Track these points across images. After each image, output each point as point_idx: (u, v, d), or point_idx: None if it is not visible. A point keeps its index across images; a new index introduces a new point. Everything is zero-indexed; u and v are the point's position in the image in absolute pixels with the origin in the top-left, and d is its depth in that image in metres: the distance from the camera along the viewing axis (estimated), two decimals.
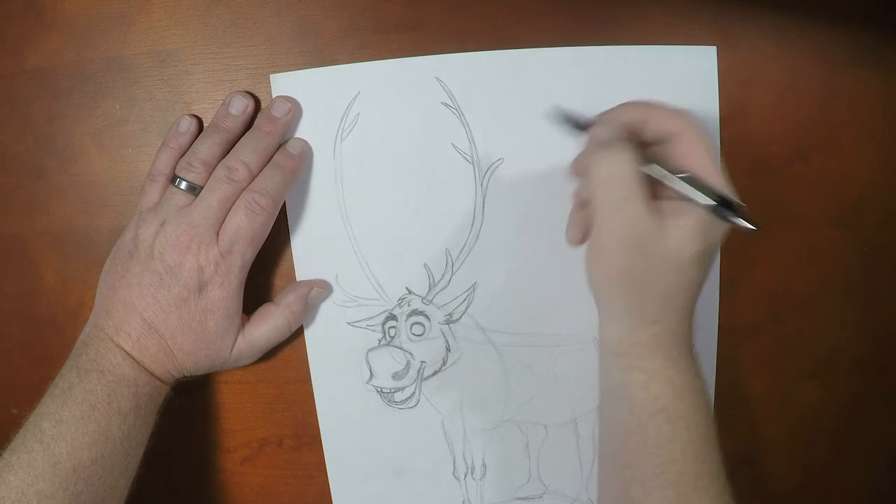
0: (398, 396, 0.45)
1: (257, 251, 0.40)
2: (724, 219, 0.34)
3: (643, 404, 0.35)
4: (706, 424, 0.35)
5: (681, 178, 0.35)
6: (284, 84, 0.42)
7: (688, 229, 0.34)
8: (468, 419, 0.45)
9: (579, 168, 0.41)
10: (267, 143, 0.40)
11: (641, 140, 0.37)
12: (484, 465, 0.46)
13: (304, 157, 0.42)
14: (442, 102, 0.42)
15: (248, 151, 0.40)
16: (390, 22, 0.42)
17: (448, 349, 0.44)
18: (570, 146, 0.42)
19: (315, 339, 0.45)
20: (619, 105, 0.38)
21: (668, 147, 0.36)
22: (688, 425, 0.35)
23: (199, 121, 0.42)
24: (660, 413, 0.35)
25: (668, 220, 0.34)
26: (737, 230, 0.34)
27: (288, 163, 0.41)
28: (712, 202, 0.33)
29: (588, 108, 0.42)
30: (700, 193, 0.34)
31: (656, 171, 0.35)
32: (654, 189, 0.36)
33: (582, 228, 0.41)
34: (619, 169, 0.34)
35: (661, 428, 0.35)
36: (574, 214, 0.42)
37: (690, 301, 0.36)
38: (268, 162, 0.41)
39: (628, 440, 0.36)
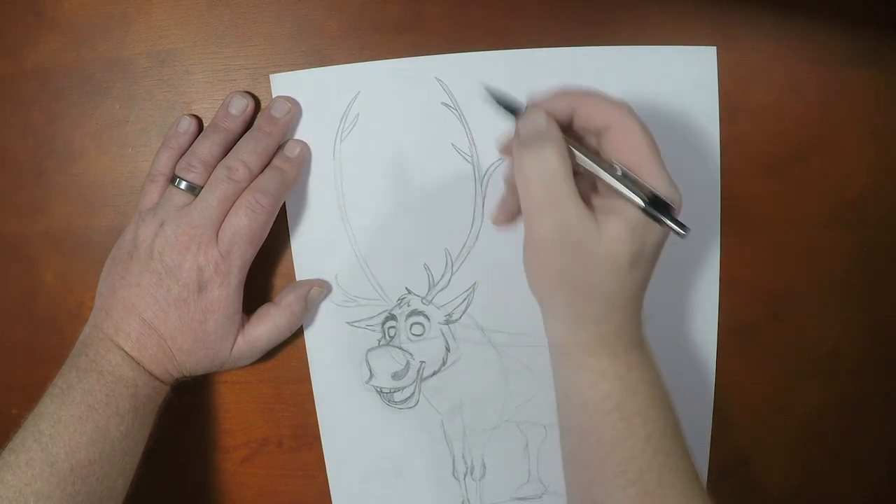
0: (398, 396, 0.45)
1: (257, 251, 0.40)
2: (655, 219, 0.32)
3: (595, 403, 0.34)
4: (665, 419, 0.34)
5: (612, 175, 0.32)
6: (284, 84, 0.42)
7: (620, 229, 0.32)
8: (468, 419, 0.45)
9: (508, 152, 0.39)
10: (267, 143, 0.40)
11: (573, 132, 0.35)
12: (483, 465, 0.46)
13: (304, 158, 0.42)
14: (442, 102, 0.42)
15: (248, 151, 0.40)
16: (390, 22, 0.42)
17: (448, 349, 0.44)
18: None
19: (315, 339, 0.45)
20: (551, 92, 0.35)
21: (602, 140, 0.34)
22: (644, 421, 0.34)
23: (199, 121, 0.42)
24: (613, 411, 0.34)
25: (601, 218, 0.32)
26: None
27: (288, 164, 0.41)
28: (642, 202, 0.31)
29: None
30: (631, 192, 0.32)
31: (589, 165, 0.33)
32: (591, 183, 0.34)
33: (507, 211, 0.40)
34: (546, 167, 0.32)
35: (616, 426, 0.34)
36: (505, 195, 0.41)
37: (634, 299, 0.35)
38: (268, 162, 0.41)
39: (584, 441, 0.35)
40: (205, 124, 0.42)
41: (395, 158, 0.43)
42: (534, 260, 0.35)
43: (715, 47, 0.42)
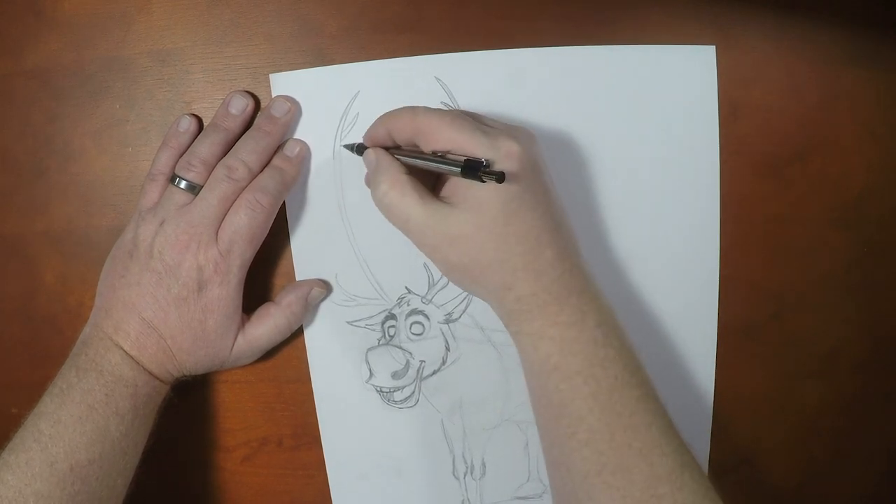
0: (398, 396, 0.45)
1: (256, 250, 0.40)
2: (476, 178, 0.33)
3: (537, 366, 0.35)
4: (611, 377, 0.34)
5: (427, 160, 0.36)
6: (284, 84, 0.42)
7: (474, 201, 0.34)
8: (468, 418, 0.45)
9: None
10: (267, 143, 0.40)
11: (400, 145, 0.39)
12: (483, 465, 0.46)
13: (304, 157, 0.42)
14: (441, 102, 0.42)
15: (248, 151, 0.40)
16: (390, 22, 0.42)
17: (447, 348, 0.44)
18: (569, 146, 0.42)
19: (315, 338, 0.45)
20: (373, 124, 0.39)
21: (420, 142, 0.37)
22: (586, 380, 0.34)
23: (199, 120, 0.42)
24: (553, 371, 0.34)
25: (458, 200, 0.35)
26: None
27: (287, 164, 0.41)
28: (458, 169, 0.33)
29: (587, 107, 0.42)
30: (446, 166, 0.34)
31: (413, 162, 0.37)
32: (438, 178, 0.38)
33: None
34: (386, 195, 0.36)
35: (560, 387, 0.34)
36: None
37: (537, 257, 0.35)
38: (268, 161, 0.41)
39: (538, 403, 0.36)
40: (205, 124, 0.42)
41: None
42: (433, 261, 0.38)
43: (714, 47, 0.42)
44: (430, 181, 0.39)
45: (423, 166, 0.36)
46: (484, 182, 0.32)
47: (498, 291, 0.36)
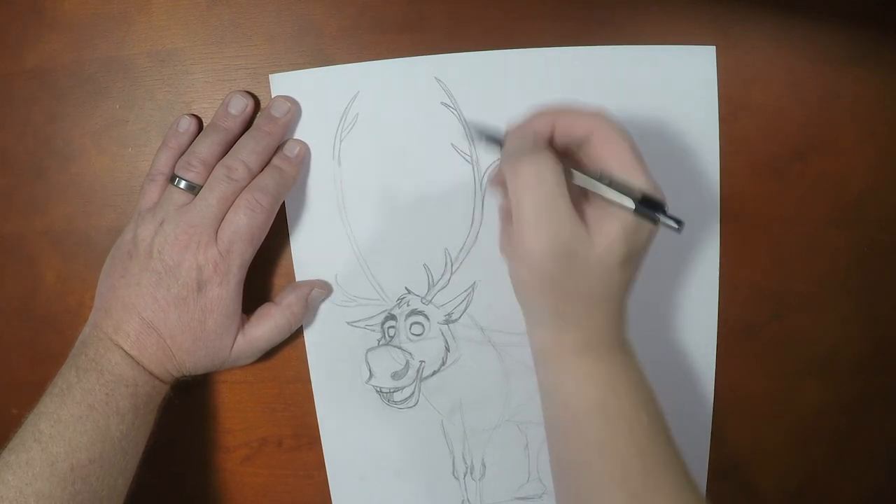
0: (397, 396, 0.45)
1: (256, 250, 0.40)
2: (648, 218, 0.33)
3: (578, 405, 0.34)
4: (650, 420, 0.34)
5: (600, 181, 0.33)
6: (284, 84, 0.42)
7: (612, 234, 0.33)
8: (468, 419, 0.45)
9: (501, 180, 0.39)
10: (266, 143, 0.40)
11: (557, 146, 0.36)
12: (483, 465, 0.46)
13: (304, 157, 0.42)
14: (441, 102, 0.42)
15: (248, 151, 0.40)
16: (390, 22, 0.42)
17: (447, 349, 0.44)
18: None
19: (315, 338, 0.45)
20: (529, 114, 0.36)
21: (584, 150, 0.35)
22: (629, 422, 0.34)
23: (199, 120, 0.42)
24: (596, 412, 0.34)
25: (592, 224, 0.33)
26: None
27: (287, 164, 0.41)
28: (632, 204, 0.32)
29: None
30: (621, 195, 0.33)
31: (577, 178, 0.34)
32: (580, 191, 0.35)
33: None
34: (538, 175, 0.33)
35: (600, 427, 0.34)
36: (504, 227, 0.40)
37: (618, 302, 0.35)
38: (267, 162, 0.41)
39: (570, 442, 0.35)
40: (205, 124, 0.42)
41: (394, 158, 0.43)
42: (524, 266, 0.34)
43: (714, 47, 0.42)
44: None
45: (580, 182, 0.34)
46: (655, 224, 0.32)
47: (566, 321, 0.35)
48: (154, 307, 0.38)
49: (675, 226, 0.33)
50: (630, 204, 0.32)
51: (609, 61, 0.42)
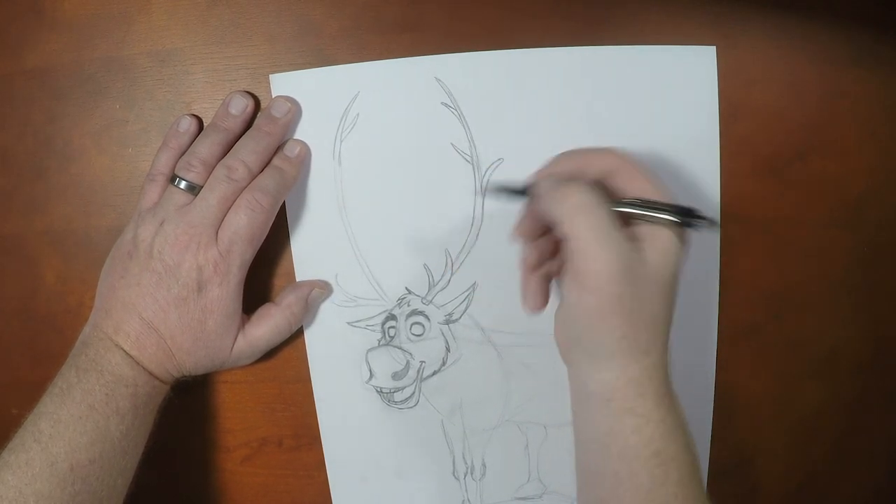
0: (398, 396, 0.45)
1: (256, 250, 0.40)
2: (692, 226, 0.34)
3: (636, 449, 0.33)
4: (692, 462, 0.34)
5: (637, 206, 0.35)
6: (284, 84, 0.42)
7: (662, 251, 0.34)
8: (468, 419, 0.45)
9: (525, 230, 0.39)
10: (267, 143, 0.40)
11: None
12: (483, 465, 0.46)
13: (304, 158, 0.42)
14: (442, 103, 0.42)
15: (248, 151, 0.40)
16: (390, 22, 0.42)
17: (448, 349, 0.44)
18: (569, 146, 0.42)
19: (315, 339, 0.45)
20: (551, 160, 0.38)
21: (609, 184, 0.36)
22: (679, 466, 0.33)
23: (199, 120, 0.42)
24: (652, 457, 0.33)
25: (643, 245, 0.34)
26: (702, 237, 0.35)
27: (287, 164, 0.41)
28: (677, 217, 0.34)
29: (588, 109, 0.42)
30: (663, 212, 0.34)
31: (616, 205, 0.35)
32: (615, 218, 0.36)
33: (540, 292, 0.40)
34: (588, 200, 0.33)
35: (654, 472, 0.33)
36: (527, 279, 0.40)
37: (669, 325, 0.35)
38: (268, 162, 0.41)
39: (618, 487, 0.34)
40: (205, 124, 0.42)
41: (394, 158, 0.43)
42: (589, 296, 0.33)
43: (714, 47, 0.42)
44: None
45: (625, 208, 0.35)
46: (698, 228, 0.34)
47: (634, 352, 0.33)
48: (154, 307, 0.38)
49: (714, 224, 0.35)
50: (674, 217, 0.34)
51: (609, 61, 0.42)
